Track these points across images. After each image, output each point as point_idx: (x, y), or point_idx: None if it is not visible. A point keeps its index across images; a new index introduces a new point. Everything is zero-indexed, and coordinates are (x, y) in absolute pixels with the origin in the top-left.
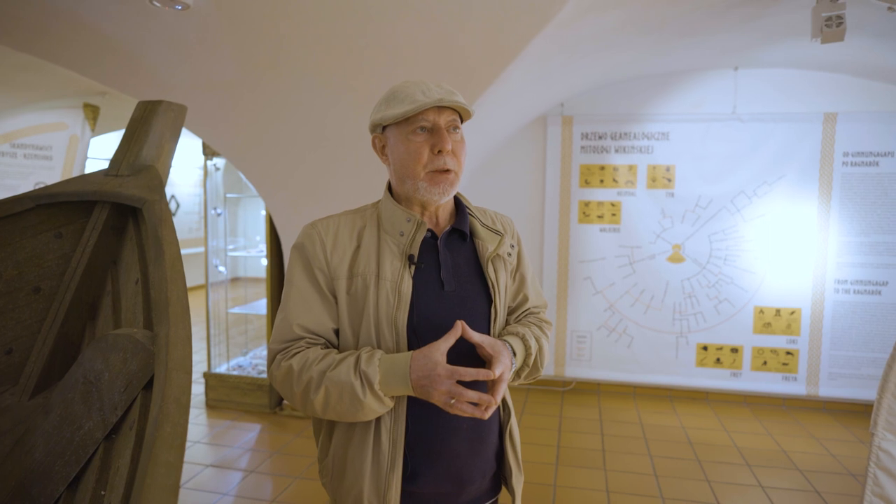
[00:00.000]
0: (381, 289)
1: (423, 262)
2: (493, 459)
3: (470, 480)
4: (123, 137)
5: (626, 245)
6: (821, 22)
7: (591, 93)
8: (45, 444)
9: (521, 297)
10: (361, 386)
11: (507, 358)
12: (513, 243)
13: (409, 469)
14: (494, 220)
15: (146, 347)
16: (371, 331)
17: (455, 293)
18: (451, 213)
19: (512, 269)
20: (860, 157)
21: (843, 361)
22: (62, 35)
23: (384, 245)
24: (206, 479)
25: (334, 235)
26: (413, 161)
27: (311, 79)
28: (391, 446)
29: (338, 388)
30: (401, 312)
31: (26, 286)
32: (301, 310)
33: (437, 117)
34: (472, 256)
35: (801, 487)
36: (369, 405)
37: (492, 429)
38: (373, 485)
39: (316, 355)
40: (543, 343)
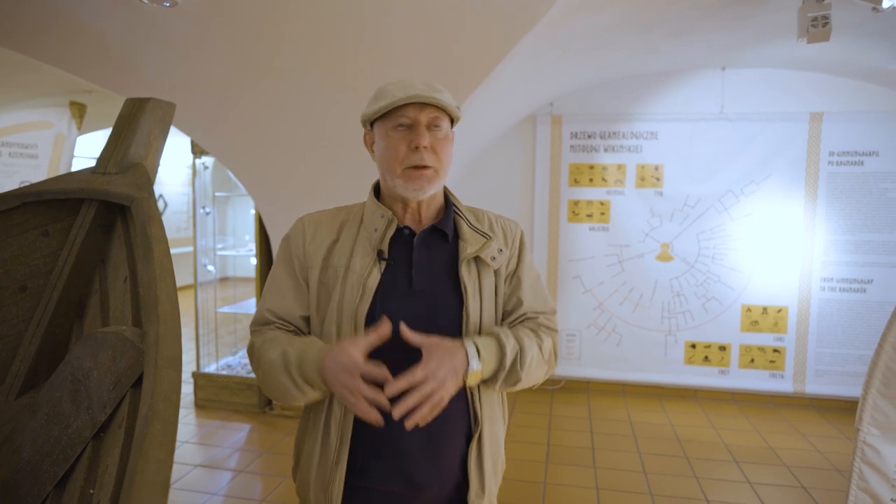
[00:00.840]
0: (348, 281)
1: (395, 259)
2: (455, 469)
3: (426, 486)
4: (111, 135)
5: (614, 244)
6: (807, 22)
7: (580, 92)
8: (32, 443)
9: (515, 300)
10: (282, 365)
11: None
12: (501, 248)
13: (358, 463)
14: (493, 223)
15: (135, 345)
16: (332, 322)
17: (424, 292)
18: (437, 211)
19: (509, 274)
20: (846, 156)
21: (830, 359)
22: (49, 32)
23: (360, 240)
24: (195, 479)
25: (315, 227)
26: (391, 157)
27: (303, 79)
28: (338, 441)
29: (267, 365)
30: (362, 305)
31: (12, 285)
32: (274, 296)
33: (417, 114)
34: (452, 257)
35: (787, 483)
36: (285, 385)
37: (454, 436)
38: (319, 476)
39: (272, 336)
40: (528, 345)
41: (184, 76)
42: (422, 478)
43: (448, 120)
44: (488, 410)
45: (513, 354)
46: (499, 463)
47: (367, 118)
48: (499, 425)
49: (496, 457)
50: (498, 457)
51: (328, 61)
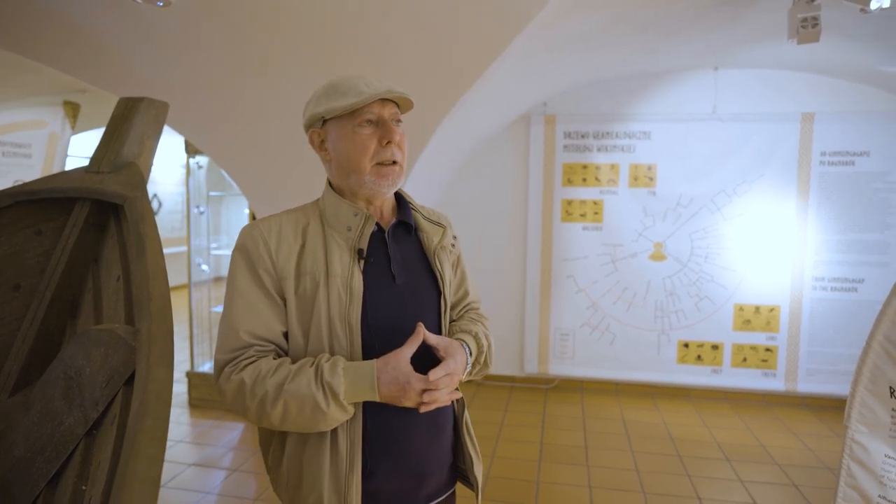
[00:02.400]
0: (331, 286)
1: (373, 257)
2: (449, 450)
3: (429, 473)
4: (104, 134)
5: (608, 243)
6: (797, 23)
7: (573, 92)
8: (25, 440)
9: (462, 291)
10: (325, 398)
11: (462, 358)
12: (455, 234)
13: (367, 467)
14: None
15: (127, 342)
16: (322, 331)
17: (406, 286)
18: (393, 207)
19: (453, 264)
20: (837, 156)
21: (821, 358)
22: (41, 31)
23: (331, 241)
24: (189, 478)
25: (278, 235)
26: (360, 154)
27: (296, 78)
28: (349, 446)
29: (298, 401)
30: (353, 309)
31: (6, 284)
32: (247, 315)
33: (381, 110)
34: (418, 249)
35: (778, 481)
36: (332, 415)
37: (448, 419)
38: (332, 487)
39: (269, 367)
40: (491, 340)
41: (178, 76)
42: (428, 466)
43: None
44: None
45: (486, 351)
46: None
47: (325, 115)
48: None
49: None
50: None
51: (321, 61)
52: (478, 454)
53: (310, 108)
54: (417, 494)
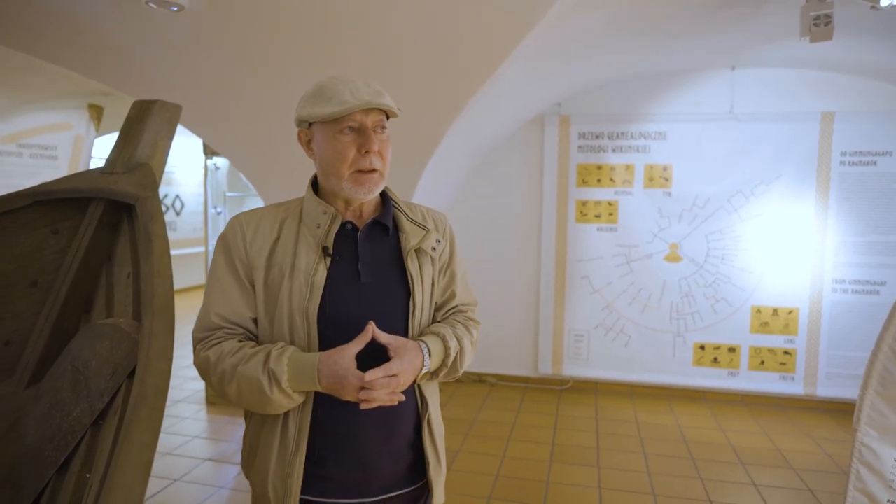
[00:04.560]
0: (294, 279)
1: (341, 255)
2: (406, 449)
3: (379, 467)
4: (119, 136)
5: (623, 244)
6: (809, 21)
7: (588, 92)
8: (35, 429)
9: (449, 293)
10: (269, 383)
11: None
12: (439, 238)
13: (316, 454)
14: (425, 215)
15: (131, 336)
16: (284, 321)
17: (371, 285)
18: (376, 206)
19: (442, 266)
20: (858, 156)
21: (841, 361)
22: (63, 36)
23: (302, 237)
24: (203, 472)
25: (255, 226)
26: (339, 160)
27: (306, 79)
28: (296, 432)
29: (248, 382)
30: (312, 303)
31: (24, 280)
32: (219, 299)
33: (364, 117)
34: (395, 249)
35: (794, 486)
36: (277, 400)
37: (403, 418)
38: (278, 468)
39: (231, 348)
40: (466, 343)
41: (192, 78)
42: (376, 460)
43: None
44: (430, 393)
45: (454, 354)
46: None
47: (310, 119)
48: (437, 401)
49: (441, 430)
50: (441, 429)
51: (330, 63)
52: (439, 459)
53: (298, 109)
54: (369, 486)
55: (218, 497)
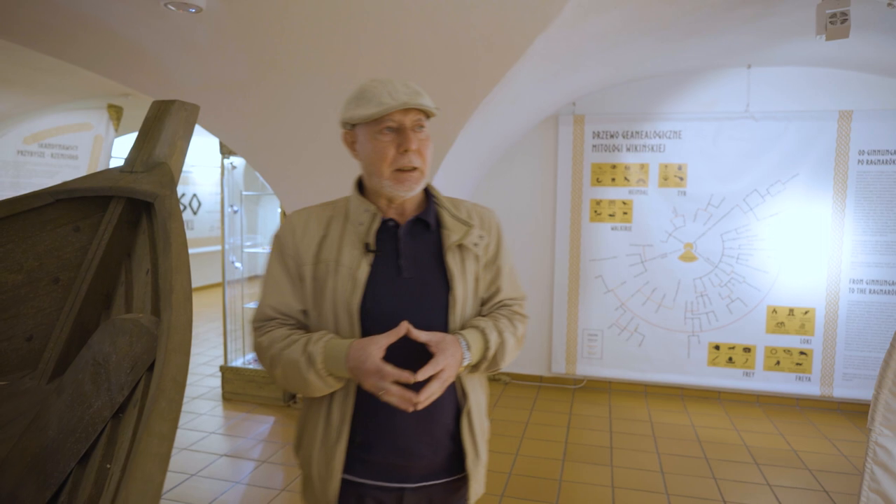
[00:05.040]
0: (339, 275)
1: (383, 251)
2: (445, 439)
3: (418, 455)
4: (138, 136)
5: (637, 244)
6: (825, 19)
7: (602, 92)
8: (58, 422)
9: (495, 288)
10: (306, 364)
11: (453, 355)
12: (482, 234)
13: (358, 439)
14: (470, 211)
15: (150, 331)
16: (329, 314)
17: (413, 280)
18: (418, 203)
19: (488, 260)
20: (876, 155)
21: (858, 362)
22: (83, 38)
23: (347, 234)
24: (219, 467)
25: (304, 224)
26: (379, 160)
27: (320, 79)
28: (339, 419)
29: (289, 364)
30: (355, 297)
31: (46, 277)
32: (272, 292)
33: (403, 117)
34: (436, 245)
35: (809, 486)
36: (312, 382)
37: (444, 410)
38: (322, 452)
39: (281, 335)
40: (507, 337)
41: (210, 78)
42: (415, 449)
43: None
44: (471, 386)
45: (495, 347)
46: (485, 428)
47: (352, 121)
48: (481, 398)
49: (483, 425)
50: (484, 424)
51: (344, 64)
52: (477, 452)
53: (341, 112)
54: (409, 472)
55: (234, 492)
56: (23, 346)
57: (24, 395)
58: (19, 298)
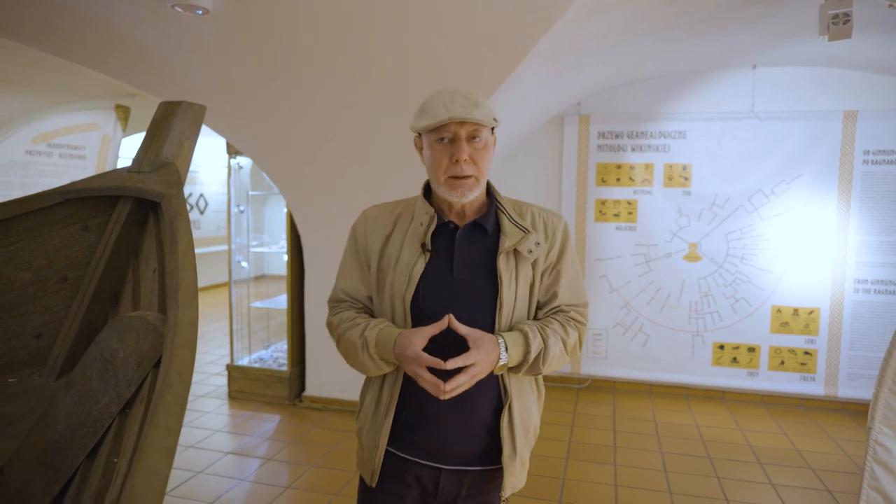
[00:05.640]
0: (398, 270)
1: (439, 251)
2: (482, 431)
3: (453, 442)
4: (145, 136)
5: (642, 243)
6: (827, 19)
7: (607, 92)
8: (66, 417)
9: (552, 293)
10: (361, 346)
11: (487, 353)
12: (539, 241)
13: (403, 417)
14: (535, 217)
15: (157, 329)
16: (387, 304)
17: (463, 280)
18: (479, 207)
19: (548, 266)
20: (881, 154)
21: (863, 362)
22: (90, 39)
23: (410, 232)
24: (225, 465)
25: (375, 218)
26: (435, 167)
27: (326, 80)
28: (388, 399)
29: (349, 344)
30: (409, 291)
31: (55, 275)
32: (344, 277)
33: (458, 128)
34: (492, 249)
35: (812, 486)
36: (366, 362)
37: (481, 404)
38: (371, 426)
39: (348, 316)
40: (553, 342)
41: (217, 79)
42: (451, 436)
43: (488, 129)
44: (517, 386)
45: (536, 352)
46: (531, 429)
47: (415, 130)
48: (530, 399)
49: (528, 424)
50: (529, 424)
51: (348, 65)
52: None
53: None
54: (446, 455)
55: (239, 489)
56: (31, 344)
57: (33, 392)
58: (28, 296)
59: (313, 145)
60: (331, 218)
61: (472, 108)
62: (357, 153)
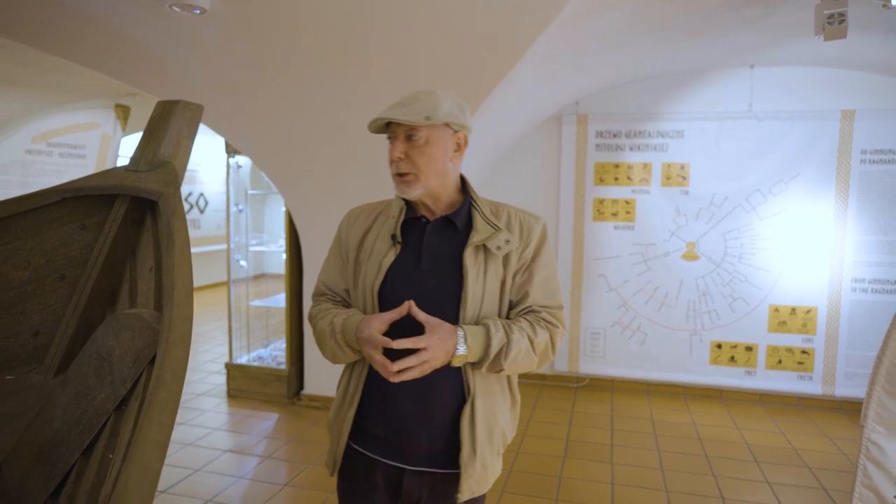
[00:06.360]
0: (371, 262)
1: (409, 244)
2: (445, 431)
3: (415, 436)
4: (143, 135)
5: (640, 243)
6: (823, 19)
7: (605, 91)
8: (62, 414)
9: (524, 293)
10: (330, 333)
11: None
12: (509, 238)
13: (365, 410)
14: (512, 217)
15: (152, 326)
16: (360, 295)
17: (430, 272)
18: (451, 203)
19: (522, 266)
20: (879, 154)
21: (860, 361)
22: (89, 39)
23: (385, 227)
24: (223, 463)
25: (357, 216)
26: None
27: (325, 80)
28: (354, 389)
29: (320, 332)
30: (377, 281)
31: (52, 273)
32: (325, 271)
33: (397, 129)
34: (462, 244)
35: (808, 484)
36: (333, 349)
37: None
38: (337, 416)
39: (325, 307)
40: (517, 339)
41: (215, 79)
42: (413, 431)
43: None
44: (482, 385)
45: (498, 347)
46: (496, 433)
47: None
48: (497, 402)
49: (492, 426)
50: (495, 427)
51: (346, 65)
52: (474, 450)
53: None
54: (407, 453)
55: (237, 486)
56: (29, 342)
57: (31, 390)
58: (26, 295)
59: (312, 145)
60: (329, 217)
61: (401, 108)
62: (356, 153)
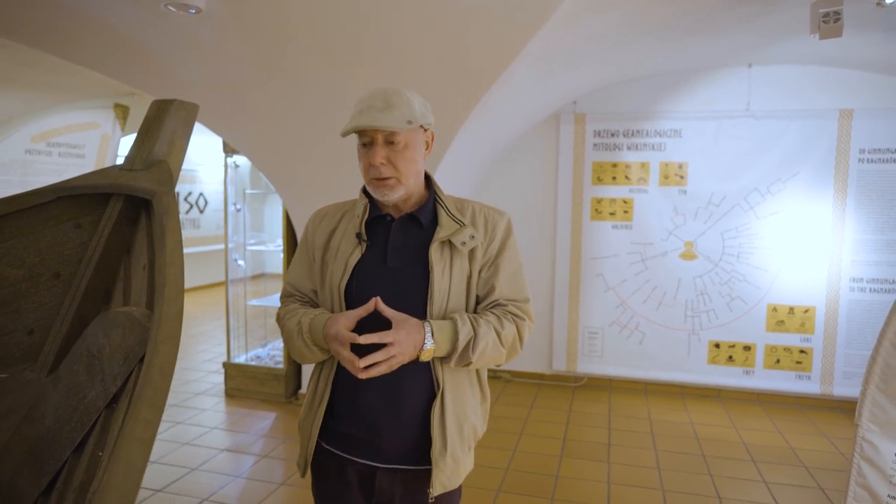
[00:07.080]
0: (337, 261)
1: (375, 241)
2: (415, 427)
3: (387, 437)
4: (138, 134)
5: (638, 242)
6: (818, 18)
7: (603, 91)
8: (54, 412)
9: (489, 287)
10: (297, 332)
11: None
12: (474, 234)
13: (335, 408)
14: (476, 213)
15: (143, 324)
16: (327, 294)
17: (397, 269)
18: (417, 201)
19: (487, 261)
20: (877, 153)
21: (859, 360)
22: (87, 39)
23: (350, 226)
24: (220, 462)
25: (322, 216)
26: (362, 169)
27: (319, 79)
28: (323, 388)
29: (288, 332)
30: (343, 280)
31: (47, 272)
32: (292, 272)
33: (375, 133)
34: (427, 240)
35: (804, 483)
36: (300, 348)
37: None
38: (307, 415)
39: (292, 308)
40: (484, 332)
41: (212, 78)
42: (383, 428)
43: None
44: (451, 379)
45: (465, 340)
46: (466, 427)
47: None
48: (467, 396)
49: (462, 421)
50: (465, 421)
51: (341, 64)
52: (445, 444)
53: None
54: (377, 451)
55: (234, 485)
56: (24, 340)
57: (25, 387)
58: (21, 293)
59: (308, 144)
60: None
61: (380, 113)
62: (351, 152)
